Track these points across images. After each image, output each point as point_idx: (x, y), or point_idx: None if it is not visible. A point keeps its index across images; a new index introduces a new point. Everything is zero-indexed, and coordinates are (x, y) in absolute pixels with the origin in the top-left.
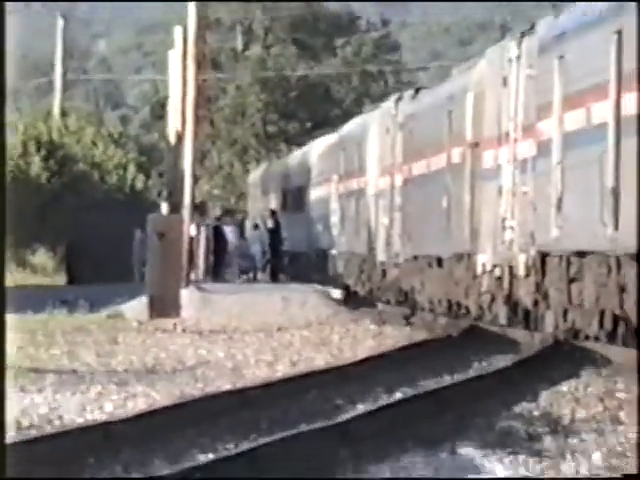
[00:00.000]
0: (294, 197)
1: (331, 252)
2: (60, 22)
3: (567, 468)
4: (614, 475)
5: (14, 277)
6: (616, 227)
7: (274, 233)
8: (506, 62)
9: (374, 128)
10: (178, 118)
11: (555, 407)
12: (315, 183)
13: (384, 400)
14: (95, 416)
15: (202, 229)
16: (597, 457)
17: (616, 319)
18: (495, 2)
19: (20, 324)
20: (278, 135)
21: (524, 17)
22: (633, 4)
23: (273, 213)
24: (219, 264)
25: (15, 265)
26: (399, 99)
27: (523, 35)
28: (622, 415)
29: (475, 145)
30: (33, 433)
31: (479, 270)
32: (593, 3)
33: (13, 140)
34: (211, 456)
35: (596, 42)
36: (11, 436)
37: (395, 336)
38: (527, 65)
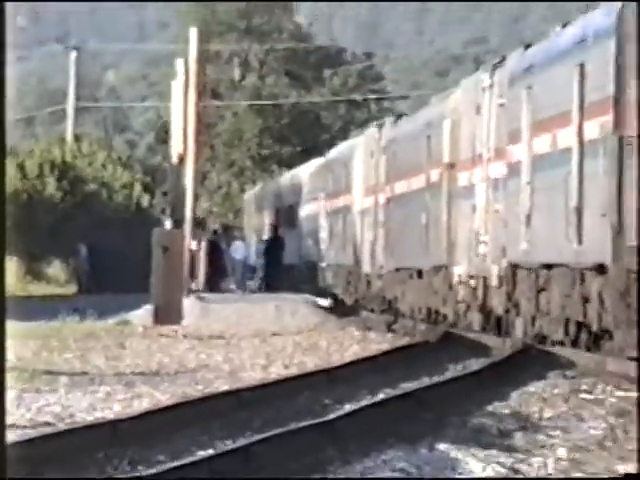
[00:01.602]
0: (286, 214)
1: (320, 264)
2: (73, 55)
3: (535, 462)
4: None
5: (30, 288)
6: (580, 242)
7: (275, 247)
8: (479, 91)
9: (359, 151)
10: (180, 142)
11: (524, 406)
12: (305, 201)
13: (368, 400)
14: (104, 414)
15: (201, 244)
16: (562, 452)
17: (580, 326)
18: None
19: (35, 330)
20: (272, 158)
21: (496, 52)
22: (592, 40)
23: (275, 228)
24: (218, 275)
25: (31, 277)
26: (382, 125)
27: (495, 67)
28: (585, 413)
29: (451, 166)
30: (48, 430)
31: (455, 281)
32: (557, 38)
33: (30, 163)
34: (210, 452)
35: (560, 74)
36: (26, 433)
37: (378, 341)
38: (498, 94)
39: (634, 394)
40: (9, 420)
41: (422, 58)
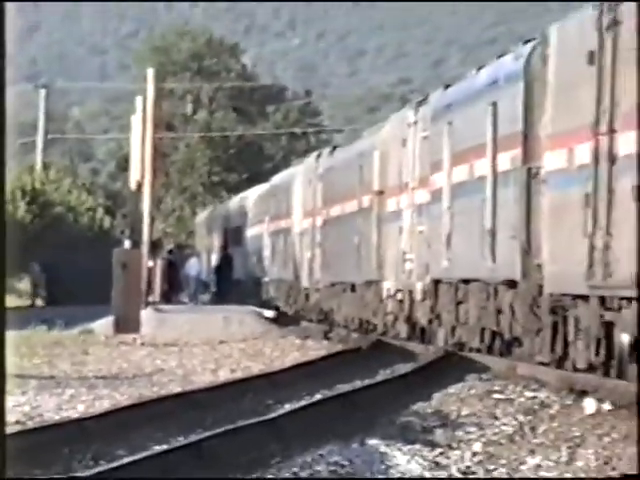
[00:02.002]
0: (234, 234)
1: (264, 279)
2: (42, 92)
3: (454, 455)
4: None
5: (8, 298)
6: (494, 260)
7: (225, 264)
8: (405, 126)
9: (299, 179)
10: (138, 170)
11: (444, 406)
12: (251, 223)
13: (307, 401)
14: (69, 414)
15: (158, 261)
16: (478, 446)
17: (494, 334)
18: (395, 79)
19: (8, 338)
20: (221, 184)
21: (420, 91)
22: (503, 82)
23: (225, 247)
24: (172, 289)
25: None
26: (319, 155)
27: (419, 105)
28: (498, 412)
29: (381, 193)
30: (17, 428)
31: (384, 294)
32: (473, 79)
33: (8, 189)
34: (162, 446)
35: (476, 111)
36: None
37: (316, 348)
38: (422, 129)
39: (541, 394)
40: None
41: (355, 96)
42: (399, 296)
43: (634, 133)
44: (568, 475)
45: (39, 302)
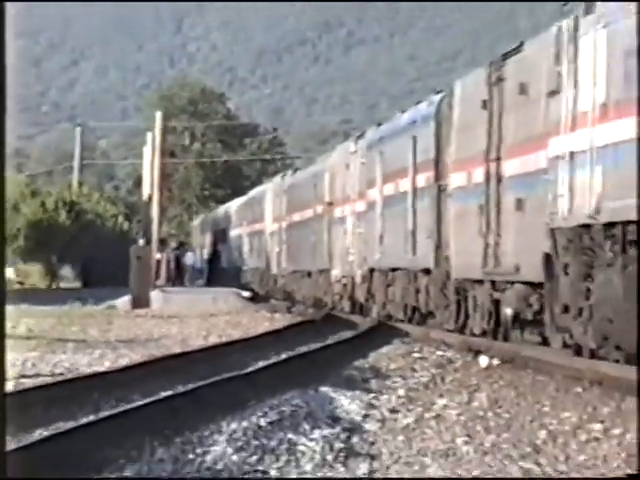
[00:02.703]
0: (221, 234)
1: (243, 268)
2: (78, 130)
3: (384, 398)
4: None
5: (51, 283)
6: (414, 254)
7: (215, 257)
8: (348, 154)
9: (269, 193)
10: (149, 187)
11: (377, 362)
12: (233, 226)
13: (274, 359)
14: (97, 368)
15: (163, 255)
16: (402, 391)
17: (414, 309)
18: (340, 119)
19: (52, 312)
20: (210, 197)
21: (359, 128)
22: (420, 122)
23: (215, 244)
24: (178, 276)
25: (50, 277)
26: (284, 175)
27: (358, 138)
28: (416, 366)
29: (330, 204)
30: (60, 378)
31: (333, 279)
32: (398, 120)
33: (49, 201)
34: (168, 392)
35: (401, 143)
36: (46, 380)
37: (282, 320)
38: (361, 156)
39: (448, 353)
40: (35, 371)
41: (310, 132)
42: (344, 281)
43: (513, 160)
44: (468, 414)
45: (76, 285)
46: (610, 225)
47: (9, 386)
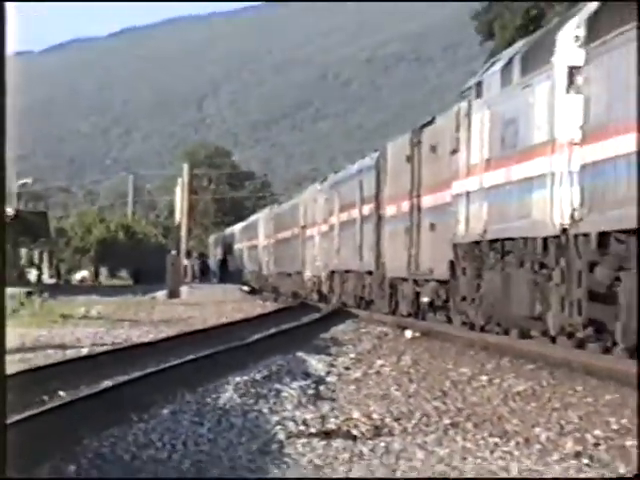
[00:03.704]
0: (228, 247)
1: (244, 270)
2: (131, 177)
3: (340, 360)
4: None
5: (113, 282)
6: (361, 260)
7: (224, 263)
8: (316, 192)
9: (262, 218)
10: (179, 215)
11: (335, 335)
12: (237, 242)
13: (265, 333)
14: (145, 339)
15: (189, 261)
16: (352, 355)
17: (361, 298)
18: (310, 168)
19: (114, 301)
20: (221, 222)
21: (324, 173)
22: (366, 170)
23: (224, 254)
24: (204, 275)
25: (112, 277)
26: (272, 206)
27: (322, 181)
28: (363, 338)
29: (304, 226)
30: (120, 346)
31: (305, 278)
32: (350, 169)
33: (112, 225)
34: (192, 356)
35: (351, 185)
36: (110, 347)
37: (270, 306)
38: (324, 194)
39: (384, 329)
40: (102, 340)
41: (289, 177)
42: (313, 279)
43: (428, 197)
44: (398, 370)
45: (129, 282)
46: (493, 241)
47: (85, 351)
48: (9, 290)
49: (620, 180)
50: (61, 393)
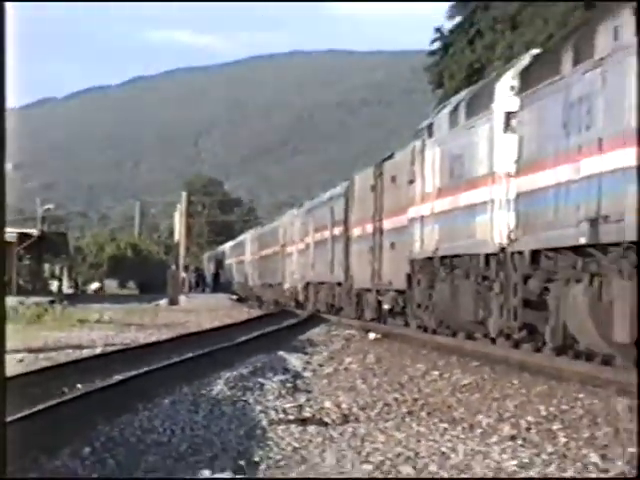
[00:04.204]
0: (220, 263)
1: (233, 282)
2: (138, 203)
3: (315, 358)
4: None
5: (121, 292)
6: (332, 273)
7: (216, 276)
8: (293, 217)
9: (248, 238)
10: (178, 235)
11: (311, 337)
12: (227, 257)
13: (251, 335)
14: (149, 340)
15: (186, 274)
16: (325, 354)
17: (332, 305)
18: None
19: (123, 307)
20: (214, 242)
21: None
22: (336, 197)
23: (217, 269)
24: (199, 286)
25: (122, 287)
26: (256, 228)
27: (299, 207)
28: (334, 340)
29: (283, 245)
30: (129, 346)
31: (285, 288)
32: (322, 197)
33: (121, 244)
34: (190, 354)
35: (324, 210)
36: (119, 347)
37: (255, 313)
38: (301, 217)
39: (352, 331)
40: (113, 341)
41: (270, 204)
42: (291, 289)
43: (389, 220)
44: (363, 367)
45: (136, 292)
46: (443, 257)
47: (99, 350)
48: (35, 299)
49: (548, 207)
50: (78, 386)
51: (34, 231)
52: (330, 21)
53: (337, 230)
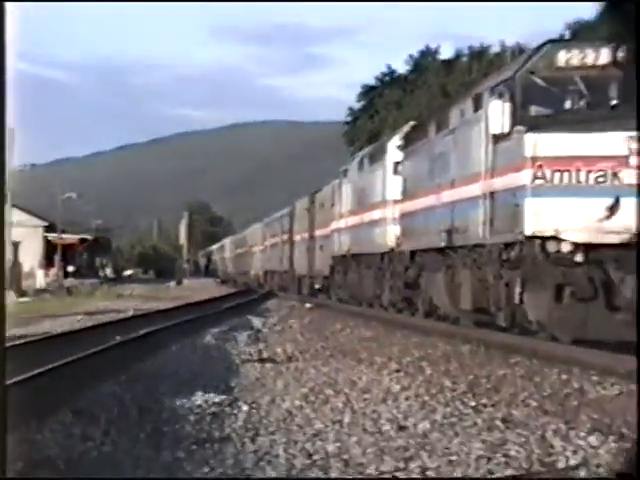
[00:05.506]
0: (209, 257)
1: (218, 270)
2: (155, 220)
3: (270, 320)
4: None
5: (144, 276)
6: (281, 264)
7: (207, 266)
8: (256, 228)
9: (228, 242)
10: (182, 239)
11: (268, 306)
12: (215, 254)
13: (229, 304)
14: (163, 308)
15: (187, 265)
16: (276, 318)
17: (282, 286)
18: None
19: (145, 287)
20: (206, 244)
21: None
22: (285, 215)
23: (208, 261)
24: (196, 273)
25: (144, 273)
26: (233, 236)
27: (261, 222)
28: (282, 308)
29: (251, 246)
30: (136, 313)
31: (252, 275)
32: (276, 215)
33: (144, 246)
34: (191, 316)
35: (276, 224)
36: (140, 312)
37: (232, 289)
38: (261, 229)
39: (294, 302)
40: (140, 307)
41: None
42: (256, 275)
43: (320, 230)
44: (302, 326)
45: (154, 277)
46: (354, 255)
47: (131, 313)
48: (90, 281)
49: (421, 222)
50: (117, 337)
51: (89, 237)
52: (268, 94)
53: (285, 237)
